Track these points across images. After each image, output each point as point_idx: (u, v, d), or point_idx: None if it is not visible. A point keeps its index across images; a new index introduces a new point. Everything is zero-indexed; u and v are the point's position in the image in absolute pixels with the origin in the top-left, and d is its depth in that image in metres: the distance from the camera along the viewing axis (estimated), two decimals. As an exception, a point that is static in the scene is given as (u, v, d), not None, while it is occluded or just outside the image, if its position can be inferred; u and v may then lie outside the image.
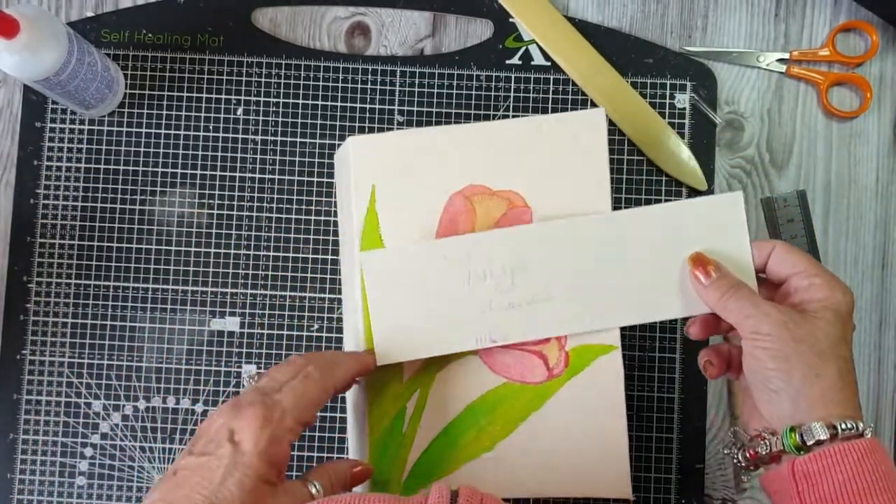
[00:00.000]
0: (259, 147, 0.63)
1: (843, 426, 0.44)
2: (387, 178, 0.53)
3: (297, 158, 0.63)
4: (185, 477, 0.43)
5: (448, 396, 0.53)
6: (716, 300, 0.49)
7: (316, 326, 0.62)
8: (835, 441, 0.44)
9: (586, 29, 0.64)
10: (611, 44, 0.64)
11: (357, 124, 0.63)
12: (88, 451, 0.61)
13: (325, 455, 0.61)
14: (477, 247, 0.51)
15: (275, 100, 0.63)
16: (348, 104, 0.63)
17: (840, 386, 0.45)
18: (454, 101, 0.63)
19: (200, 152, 0.63)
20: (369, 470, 0.51)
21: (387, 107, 0.63)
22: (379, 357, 0.51)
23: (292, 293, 0.62)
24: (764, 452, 0.47)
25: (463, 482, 0.53)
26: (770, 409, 0.47)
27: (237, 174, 0.63)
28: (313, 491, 0.46)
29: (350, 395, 0.58)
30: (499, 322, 0.51)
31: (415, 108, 0.63)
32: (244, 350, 0.62)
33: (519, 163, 0.53)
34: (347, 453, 0.61)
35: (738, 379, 0.52)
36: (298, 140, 0.63)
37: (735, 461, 0.50)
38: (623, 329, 0.54)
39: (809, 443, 0.44)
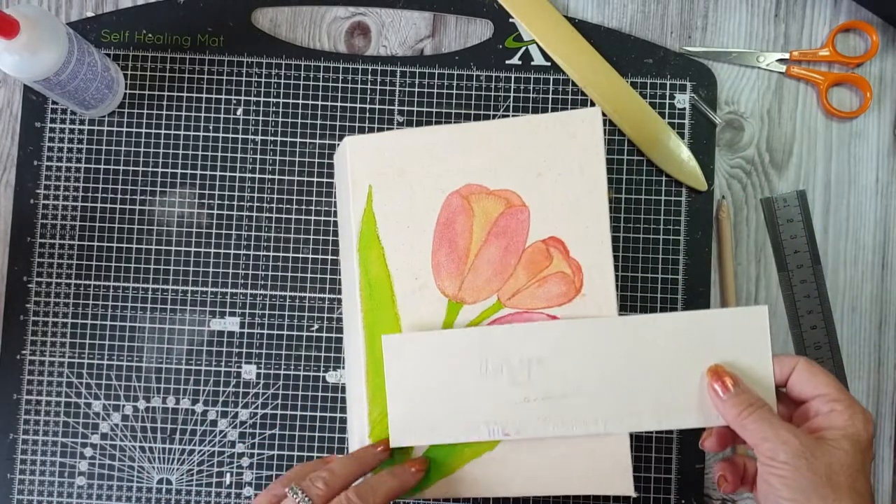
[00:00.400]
0: (259, 147, 0.63)
1: None
2: (384, 178, 0.53)
3: (297, 158, 0.63)
4: None
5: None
6: (733, 417, 0.48)
7: (316, 326, 0.62)
8: None
9: (586, 29, 0.64)
10: (611, 44, 0.64)
11: (357, 124, 0.63)
12: (88, 451, 0.61)
13: (324, 455, 0.61)
14: (496, 338, 0.51)
15: (275, 100, 0.63)
16: (348, 104, 0.63)
17: None
18: (454, 101, 0.63)
19: (200, 152, 0.63)
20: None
21: (387, 107, 0.63)
22: (393, 439, 0.52)
23: (292, 293, 0.62)
24: None
25: (465, 481, 0.53)
26: None
27: (237, 174, 0.63)
28: None
29: (349, 395, 0.58)
30: (513, 415, 0.51)
31: (415, 108, 0.63)
32: (244, 350, 0.62)
33: (516, 162, 0.53)
34: (347, 453, 0.61)
35: (753, 493, 0.51)
36: (298, 140, 0.63)
37: None
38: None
39: None
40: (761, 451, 0.46)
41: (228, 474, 0.61)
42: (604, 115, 0.63)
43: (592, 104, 0.63)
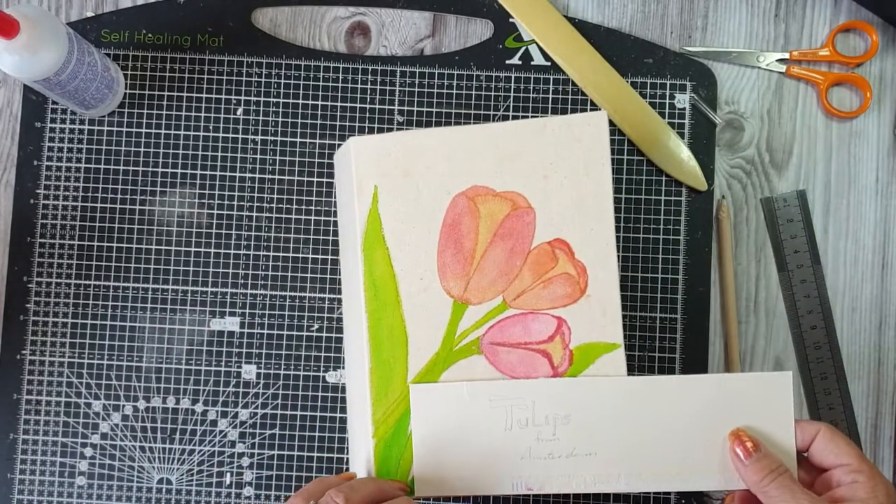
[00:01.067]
0: (259, 147, 0.63)
1: None
2: (389, 179, 0.53)
3: (297, 158, 0.63)
4: None
5: None
6: (755, 482, 0.48)
7: (316, 326, 0.62)
8: None
9: (586, 29, 0.64)
10: (611, 44, 0.64)
11: (357, 124, 0.63)
12: (88, 451, 0.61)
13: (324, 455, 0.61)
14: (523, 393, 0.52)
15: (275, 100, 0.63)
16: (348, 104, 0.63)
17: None
18: (454, 101, 0.63)
19: (200, 152, 0.63)
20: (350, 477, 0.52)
21: (387, 107, 0.63)
22: (417, 489, 0.52)
23: (292, 293, 0.62)
24: None
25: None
26: None
27: (237, 174, 0.63)
28: None
29: (350, 395, 0.58)
30: (537, 471, 0.52)
31: (415, 108, 0.63)
32: (244, 350, 0.62)
33: (522, 164, 0.53)
34: (348, 453, 0.61)
35: None
36: (298, 140, 0.63)
37: None
38: (623, 329, 0.54)
39: None
40: None
41: (228, 474, 0.61)
42: (604, 115, 0.63)
43: (592, 104, 0.63)
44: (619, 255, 0.62)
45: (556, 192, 0.53)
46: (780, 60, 0.64)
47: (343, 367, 0.61)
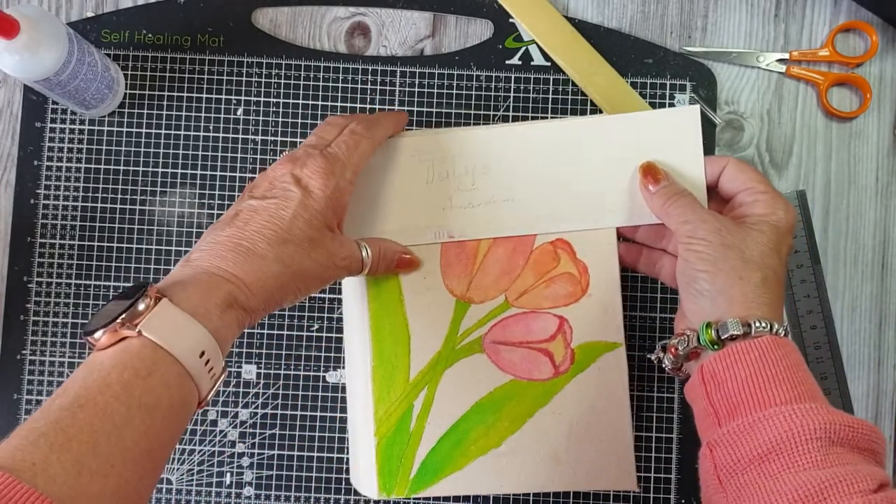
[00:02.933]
0: (259, 147, 0.63)
1: (757, 325, 0.45)
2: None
3: (297, 158, 0.63)
4: (250, 217, 0.45)
5: (455, 394, 0.53)
6: (659, 206, 0.51)
7: (316, 326, 0.62)
8: (747, 339, 0.46)
9: (586, 29, 0.64)
10: (611, 44, 0.64)
11: (357, 124, 0.63)
12: (88, 452, 0.61)
13: (324, 455, 0.61)
14: (443, 145, 0.53)
15: (275, 100, 0.63)
16: (348, 104, 0.63)
17: (762, 290, 0.47)
18: (454, 101, 0.63)
19: (200, 152, 0.63)
20: (416, 262, 0.53)
21: (387, 107, 0.63)
22: (346, 230, 0.52)
23: (292, 293, 0.62)
24: (682, 348, 0.48)
25: (471, 478, 0.53)
26: (693, 308, 0.49)
27: (237, 174, 0.63)
28: (363, 254, 0.49)
29: (350, 394, 0.58)
30: (458, 219, 0.53)
31: (415, 108, 0.63)
32: (244, 350, 0.62)
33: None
34: (348, 453, 0.61)
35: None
36: (298, 140, 0.63)
37: (661, 364, 0.51)
38: (623, 329, 0.54)
39: (724, 337, 0.46)
40: (682, 233, 0.49)
41: (228, 474, 0.61)
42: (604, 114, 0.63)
43: (592, 104, 0.63)
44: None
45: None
46: (780, 60, 0.64)
47: (343, 367, 0.61)
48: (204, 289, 0.42)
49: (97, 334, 0.39)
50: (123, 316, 0.39)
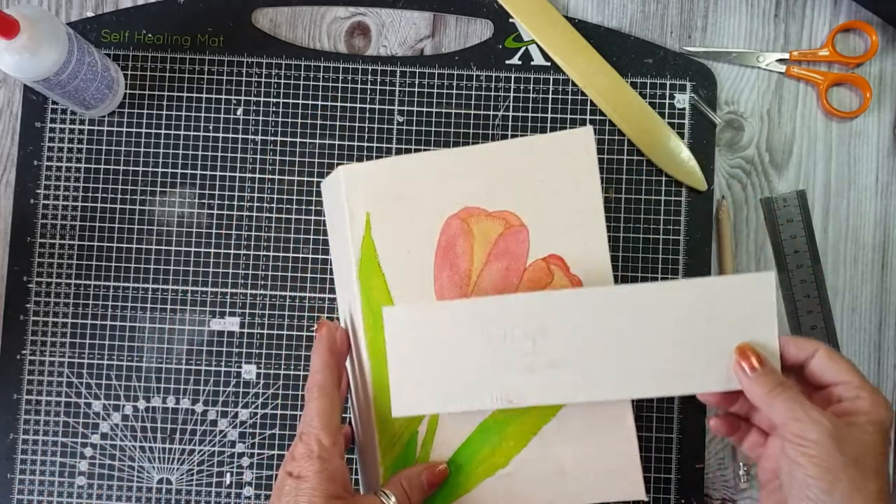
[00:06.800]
0: (259, 147, 0.63)
1: None
2: (381, 206, 0.53)
3: (297, 158, 0.63)
4: None
5: (459, 417, 0.53)
6: (761, 395, 0.49)
7: (316, 326, 0.62)
8: None
9: (586, 29, 0.64)
10: (611, 44, 0.64)
11: (357, 124, 0.63)
12: (88, 451, 0.61)
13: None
14: (499, 309, 0.51)
15: (275, 100, 0.63)
16: (348, 104, 0.63)
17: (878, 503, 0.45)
18: (454, 101, 0.63)
19: (200, 152, 0.63)
20: (444, 472, 0.52)
21: (387, 107, 0.63)
22: (395, 409, 0.51)
23: (292, 293, 0.62)
24: None
25: (480, 500, 0.53)
26: None
27: (237, 174, 0.63)
28: (386, 502, 0.49)
29: (355, 422, 0.57)
30: (517, 384, 0.51)
31: (415, 108, 0.63)
32: (244, 350, 0.62)
33: (513, 183, 0.53)
34: (360, 484, 0.61)
35: (757, 466, 0.52)
36: (298, 140, 0.63)
37: None
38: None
39: None
40: (790, 430, 0.47)
41: (228, 474, 0.61)
42: (604, 115, 0.63)
43: (592, 104, 0.63)
44: (618, 255, 0.62)
45: (548, 209, 0.53)
46: (780, 60, 0.64)
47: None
48: None
49: None
50: None
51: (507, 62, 0.64)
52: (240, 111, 0.63)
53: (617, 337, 0.51)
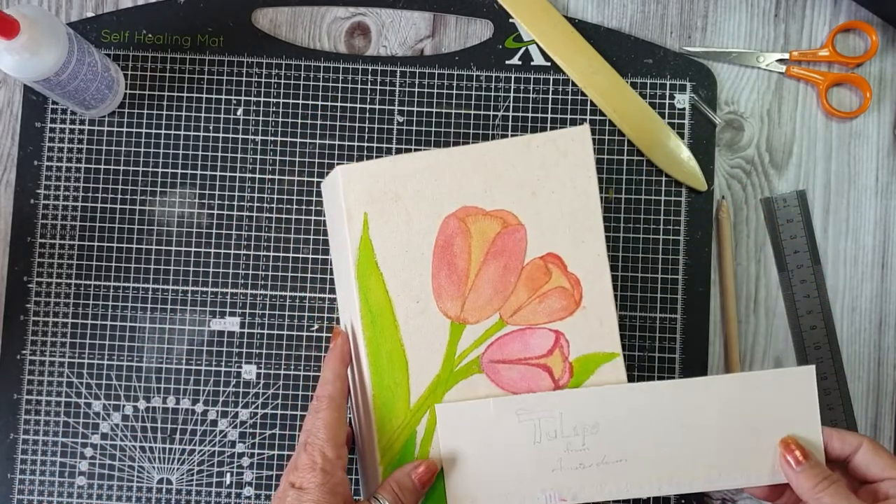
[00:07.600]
0: (259, 147, 0.63)
1: None
2: (379, 205, 0.53)
3: (297, 158, 0.63)
4: None
5: None
6: (808, 489, 0.49)
7: (316, 326, 0.62)
8: None
9: (586, 29, 0.64)
10: (611, 44, 0.64)
11: (357, 124, 0.63)
12: (88, 451, 0.61)
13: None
14: (550, 405, 0.52)
15: (275, 100, 0.63)
16: (348, 104, 0.63)
17: None
18: (454, 101, 0.63)
19: (200, 152, 0.63)
20: (432, 468, 0.52)
21: (387, 107, 0.63)
22: (453, 496, 0.52)
23: (292, 293, 0.62)
24: None
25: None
26: None
27: (237, 174, 0.63)
28: None
29: (355, 422, 0.57)
30: (569, 481, 0.52)
31: (415, 108, 0.63)
32: (244, 350, 0.62)
33: (510, 182, 0.54)
34: (360, 484, 0.61)
35: None
36: (298, 140, 0.63)
37: None
38: (623, 330, 0.54)
39: None
40: None
41: (228, 474, 0.61)
42: (604, 115, 0.63)
43: (592, 104, 0.63)
44: (618, 255, 0.62)
45: (546, 208, 0.53)
46: (780, 61, 0.64)
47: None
48: None
49: None
50: None
51: (507, 62, 0.64)
52: (240, 111, 0.63)
53: (665, 431, 0.52)
